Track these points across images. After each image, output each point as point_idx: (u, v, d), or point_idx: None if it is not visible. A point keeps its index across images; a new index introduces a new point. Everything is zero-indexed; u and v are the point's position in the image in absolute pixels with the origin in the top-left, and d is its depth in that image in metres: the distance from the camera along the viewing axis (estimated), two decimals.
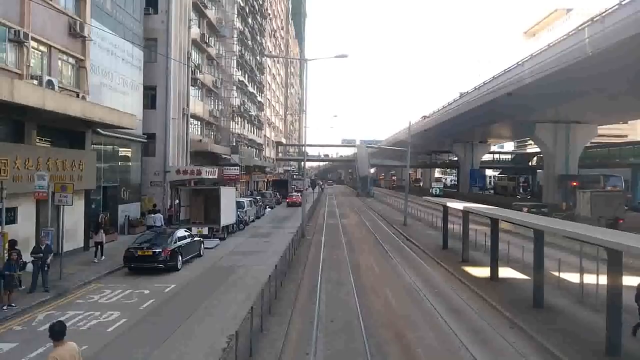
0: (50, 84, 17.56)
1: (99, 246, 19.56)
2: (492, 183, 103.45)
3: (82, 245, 21.20)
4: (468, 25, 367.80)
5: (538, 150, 68.57)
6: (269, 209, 48.52)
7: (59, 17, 19.32)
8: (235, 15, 48.12)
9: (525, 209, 35.35)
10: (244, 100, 53.38)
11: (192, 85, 35.49)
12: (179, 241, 18.85)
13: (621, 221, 31.76)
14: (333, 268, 19.45)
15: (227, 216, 27.24)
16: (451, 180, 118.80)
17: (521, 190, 75.80)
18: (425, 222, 36.79)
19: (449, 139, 76.91)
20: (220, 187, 28.36)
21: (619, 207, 33.27)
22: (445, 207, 24.26)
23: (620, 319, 9.71)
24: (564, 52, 31.24)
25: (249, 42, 55.66)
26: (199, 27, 37.17)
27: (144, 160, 29.47)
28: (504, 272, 17.38)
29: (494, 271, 16.85)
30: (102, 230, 20.53)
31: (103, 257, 19.50)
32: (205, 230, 25.17)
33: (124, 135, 25.40)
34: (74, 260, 18.78)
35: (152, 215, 27.77)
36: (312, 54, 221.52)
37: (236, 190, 38.71)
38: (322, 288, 15.84)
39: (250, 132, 60.07)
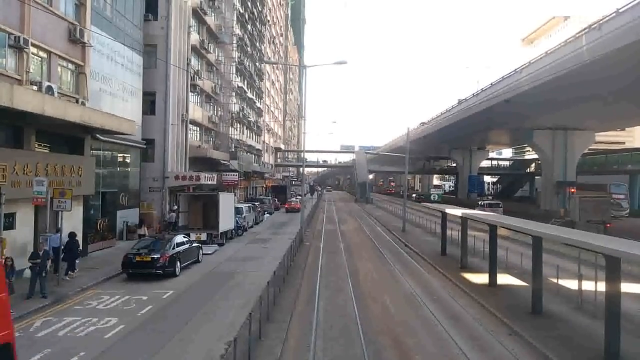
0: (49, 89, 17.58)
1: (141, 238, 22.98)
2: (491, 189, 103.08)
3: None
4: (467, 32, 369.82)
5: (536, 156, 68.80)
6: (268, 215, 48.51)
7: (59, 23, 19.39)
8: (235, 22, 48.27)
9: None
10: (243, 107, 53.46)
11: (191, 91, 35.55)
12: (177, 247, 18.82)
13: (609, 225, 32.08)
14: (332, 274, 19.43)
15: (226, 222, 27.22)
16: (449, 187, 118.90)
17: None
18: (424, 229, 36.79)
19: (447, 145, 77.22)
20: (219, 193, 28.36)
21: (606, 212, 33.70)
22: (444, 214, 24.28)
23: (618, 326, 9.71)
24: (561, 59, 31.46)
25: (249, 49, 55.83)
26: (198, 34, 37.29)
27: (142, 165, 29.49)
28: (503, 278, 17.38)
29: (493, 277, 16.84)
30: (144, 225, 24.48)
31: None
32: (203, 236, 25.14)
33: (123, 141, 25.41)
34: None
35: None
36: (312, 60, 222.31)
37: (235, 196, 38.71)
38: (320, 294, 15.82)
39: (249, 138, 60.12)
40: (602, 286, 10.80)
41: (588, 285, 13.81)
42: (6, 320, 4.13)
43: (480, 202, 52.59)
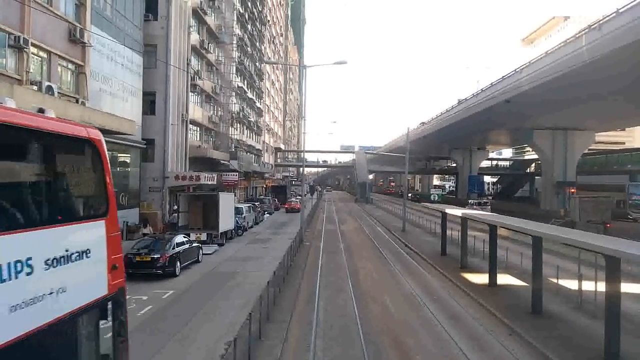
0: (49, 89, 17.59)
1: (145, 236, 23.31)
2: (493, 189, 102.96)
3: None
4: (467, 32, 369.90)
5: (536, 157, 68.82)
6: (268, 215, 48.51)
7: (59, 23, 19.40)
8: (235, 22, 48.26)
9: None
10: (243, 107, 53.45)
11: (191, 91, 35.55)
12: (177, 247, 18.81)
13: (609, 226, 32.11)
14: (332, 274, 19.43)
15: (226, 222, 27.22)
16: (449, 187, 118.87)
17: None
18: (424, 229, 36.78)
19: (447, 145, 77.23)
20: (219, 193, 28.35)
21: (606, 212, 33.68)
22: (444, 214, 24.28)
23: (618, 326, 9.71)
24: (561, 59, 31.49)
25: (249, 49, 55.82)
26: (198, 34, 37.29)
27: (142, 165, 29.48)
28: (503, 278, 17.38)
29: (493, 278, 16.84)
30: (149, 224, 25.85)
31: None
32: (203, 236, 25.14)
33: (123, 141, 25.40)
34: None
35: None
36: (311, 60, 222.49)
37: (235, 196, 38.69)
38: (320, 294, 15.82)
39: (249, 138, 60.12)
40: (602, 286, 10.80)
41: (588, 285, 13.81)
42: (122, 270, 5.92)
43: (470, 201, 58.20)
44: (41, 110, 5.13)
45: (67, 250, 4.82)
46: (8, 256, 4.04)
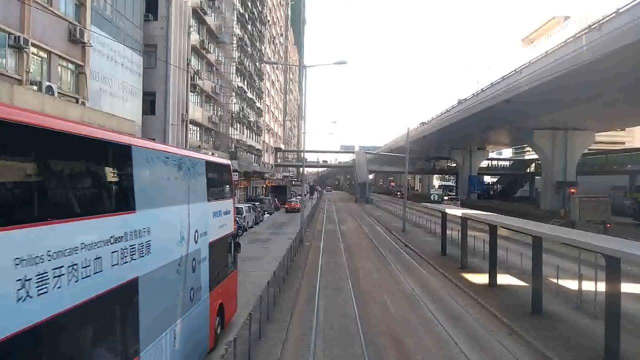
0: (49, 89, 17.57)
1: None
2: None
3: None
4: (467, 32, 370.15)
5: (536, 156, 68.80)
6: (268, 215, 48.49)
7: (59, 23, 19.37)
8: (235, 22, 48.22)
9: None
10: (243, 107, 53.43)
11: (191, 91, 35.51)
12: None
13: (609, 226, 32.10)
14: (331, 274, 19.43)
15: None
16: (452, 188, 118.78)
17: None
18: (424, 229, 36.77)
19: (447, 145, 77.25)
20: None
21: (606, 212, 33.65)
22: (444, 214, 24.28)
23: (618, 326, 9.71)
24: (561, 59, 31.49)
25: (249, 49, 55.78)
26: (198, 34, 37.25)
27: None
28: (503, 278, 17.37)
29: (493, 278, 16.84)
30: None
31: None
32: None
33: None
34: None
35: None
36: (311, 60, 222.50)
37: (235, 196, 38.64)
38: (320, 294, 15.82)
39: (249, 138, 60.08)
40: (602, 286, 10.79)
41: (588, 285, 13.81)
42: (236, 222, 13.43)
43: (445, 198, 71.18)
44: (212, 154, 13.79)
45: (225, 209, 11.28)
46: (215, 209, 10.43)
